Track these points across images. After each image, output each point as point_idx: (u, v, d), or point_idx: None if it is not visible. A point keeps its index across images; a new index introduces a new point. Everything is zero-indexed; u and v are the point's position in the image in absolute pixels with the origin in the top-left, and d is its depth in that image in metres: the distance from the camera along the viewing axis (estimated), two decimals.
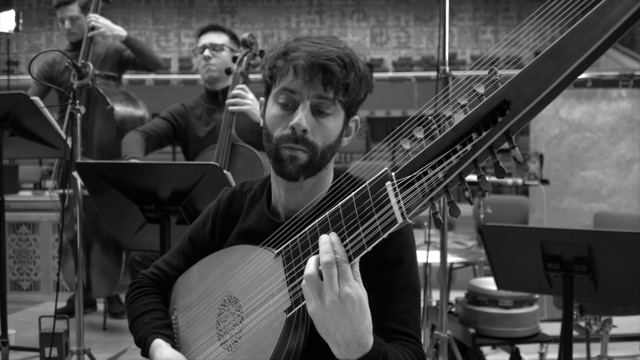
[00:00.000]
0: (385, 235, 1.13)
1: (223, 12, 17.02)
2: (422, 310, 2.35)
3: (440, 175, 1.06)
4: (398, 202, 1.10)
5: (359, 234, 1.16)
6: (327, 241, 1.18)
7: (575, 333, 3.11)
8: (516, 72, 1.01)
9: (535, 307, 3.20)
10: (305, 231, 1.30)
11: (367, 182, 1.17)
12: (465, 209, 7.01)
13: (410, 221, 1.10)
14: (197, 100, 3.60)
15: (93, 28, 4.08)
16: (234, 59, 3.37)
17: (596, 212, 4.77)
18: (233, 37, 3.57)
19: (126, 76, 5.37)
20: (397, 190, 1.11)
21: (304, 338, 1.36)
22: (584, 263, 2.39)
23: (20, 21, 6.26)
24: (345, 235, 1.19)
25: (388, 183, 1.13)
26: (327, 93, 1.42)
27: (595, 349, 3.34)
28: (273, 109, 1.48)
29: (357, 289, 1.17)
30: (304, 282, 1.21)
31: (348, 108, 1.49)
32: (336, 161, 1.62)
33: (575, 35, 0.97)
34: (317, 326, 1.21)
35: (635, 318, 3.34)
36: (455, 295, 3.65)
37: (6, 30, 6.13)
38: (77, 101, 2.94)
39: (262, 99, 1.59)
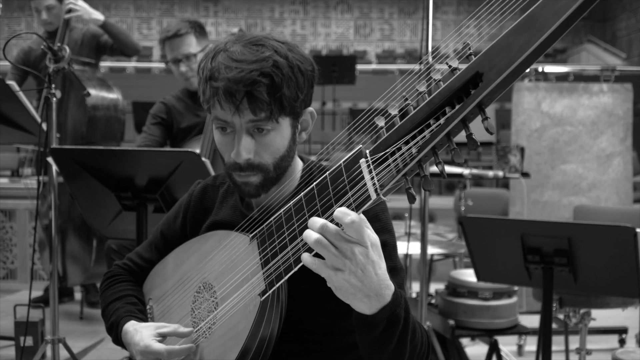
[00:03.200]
0: (359, 212, 1.12)
1: (206, 1, 16.90)
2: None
3: (413, 150, 1.05)
4: (372, 178, 1.09)
5: (333, 212, 1.14)
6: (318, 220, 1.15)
7: (553, 325, 3.12)
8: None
9: (514, 299, 3.20)
10: (280, 213, 1.28)
11: (342, 160, 1.16)
12: (446, 201, 7.01)
13: (384, 198, 1.09)
14: (178, 95, 3.51)
15: (70, 10, 3.99)
16: None
17: (576, 205, 4.79)
18: (197, 30, 3.39)
19: (107, 63, 5.31)
20: (372, 166, 1.10)
21: (278, 324, 1.34)
22: (564, 255, 2.39)
23: (0, 6, 6.16)
24: (319, 214, 1.17)
25: (362, 160, 1.12)
26: (259, 116, 1.34)
27: (574, 342, 3.35)
28: (215, 134, 1.44)
29: (374, 234, 1.16)
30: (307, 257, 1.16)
31: (291, 112, 1.40)
32: (316, 152, 1.58)
33: (547, 4, 0.97)
34: (343, 293, 1.15)
35: (614, 311, 3.36)
36: (435, 287, 3.64)
37: None
38: (53, 85, 2.89)
39: None
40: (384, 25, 17.19)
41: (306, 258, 1.14)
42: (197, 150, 2.70)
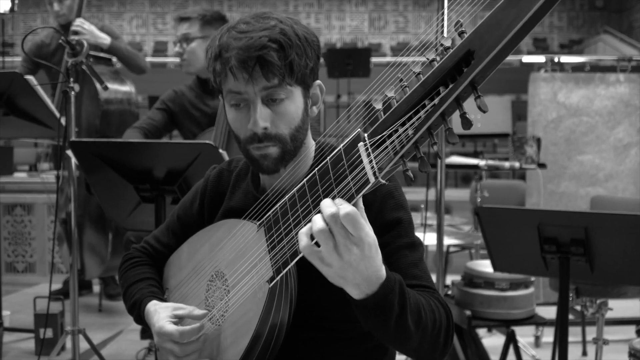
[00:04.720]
0: (359, 196, 1.12)
1: None
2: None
3: (410, 131, 1.06)
4: (370, 162, 1.10)
5: (334, 196, 1.15)
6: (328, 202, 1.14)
7: (570, 316, 3.11)
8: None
9: (531, 290, 3.20)
10: (285, 199, 1.30)
11: (342, 145, 1.17)
12: (462, 193, 7.00)
13: (383, 181, 1.09)
14: (190, 85, 3.56)
15: (76, 33, 4.00)
16: None
17: (593, 196, 4.76)
18: (204, 19, 3.42)
19: None
20: (370, 150, 1.11)
21: (289, 311, 1.35)
22: (580, 245, 2.38)
23: (16, 1, 6.19)
24: (321, 199, 1.18)
25: (360, 144, 1.13)
26: (272, 82, 1.37)
27: (591, 332, 3.35)
28: (230, 113, 1.46)
29: (371, 232, 1.14)
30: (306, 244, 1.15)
31: (302, 82, 1.43)
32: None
33: None
34: (332, 279, 1.16)
35: (631, 301, 3.35)
36: (452, 279, 3.64)
37: (1, 11, 6.05)
38: (71, 79, 2.92)
39: None
40: (399, 17, 17.14)
41: (304, 244, 1.14)
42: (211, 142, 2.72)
